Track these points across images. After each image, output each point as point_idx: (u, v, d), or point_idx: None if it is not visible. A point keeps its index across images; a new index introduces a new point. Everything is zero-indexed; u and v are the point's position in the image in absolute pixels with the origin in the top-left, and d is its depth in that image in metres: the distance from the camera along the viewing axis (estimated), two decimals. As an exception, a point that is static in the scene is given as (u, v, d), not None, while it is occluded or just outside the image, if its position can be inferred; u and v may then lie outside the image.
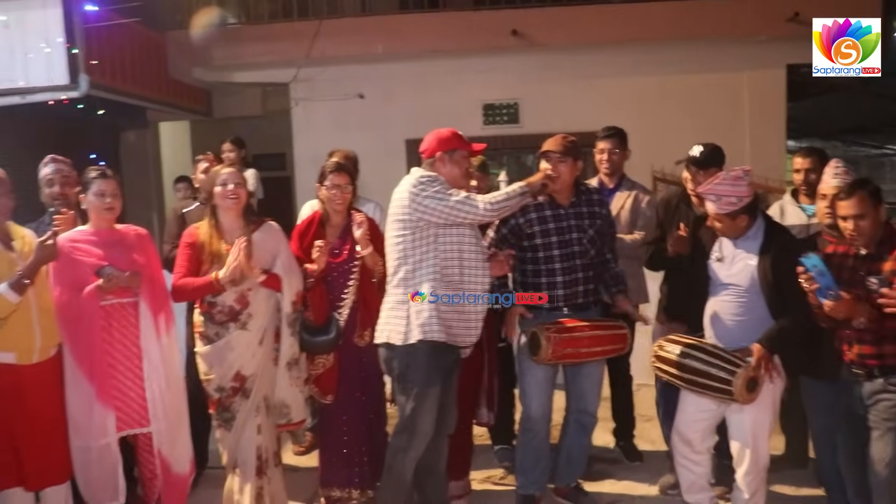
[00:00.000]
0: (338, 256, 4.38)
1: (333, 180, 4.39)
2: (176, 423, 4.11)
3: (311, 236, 4.37)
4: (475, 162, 4.74)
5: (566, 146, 4.21)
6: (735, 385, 3.56)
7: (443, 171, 3.93)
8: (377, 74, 10.47)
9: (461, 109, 10.41)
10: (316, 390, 4.40)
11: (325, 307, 4.34)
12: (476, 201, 3.78)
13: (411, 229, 3.84)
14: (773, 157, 10.51)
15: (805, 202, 4.59)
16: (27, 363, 3.74)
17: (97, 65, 8.13)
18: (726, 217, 3.77)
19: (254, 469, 4.15)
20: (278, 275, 4.13)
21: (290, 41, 9.90)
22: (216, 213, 4.16)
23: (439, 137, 3.99)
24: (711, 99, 10.28)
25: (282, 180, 12.45)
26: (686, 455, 4.07)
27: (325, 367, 4.37)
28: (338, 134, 9.64)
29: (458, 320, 3.87)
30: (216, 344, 4.10)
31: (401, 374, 3.91)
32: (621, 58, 10.24)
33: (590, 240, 4.27)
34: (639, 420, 5.40)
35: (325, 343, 4.29)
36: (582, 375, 4.37)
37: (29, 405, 3.75)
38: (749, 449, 3.85)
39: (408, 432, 3.91)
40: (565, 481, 4.53)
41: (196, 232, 4.17)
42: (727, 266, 3.88)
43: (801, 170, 4.62)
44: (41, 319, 3.76)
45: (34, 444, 3.78)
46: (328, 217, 4.47)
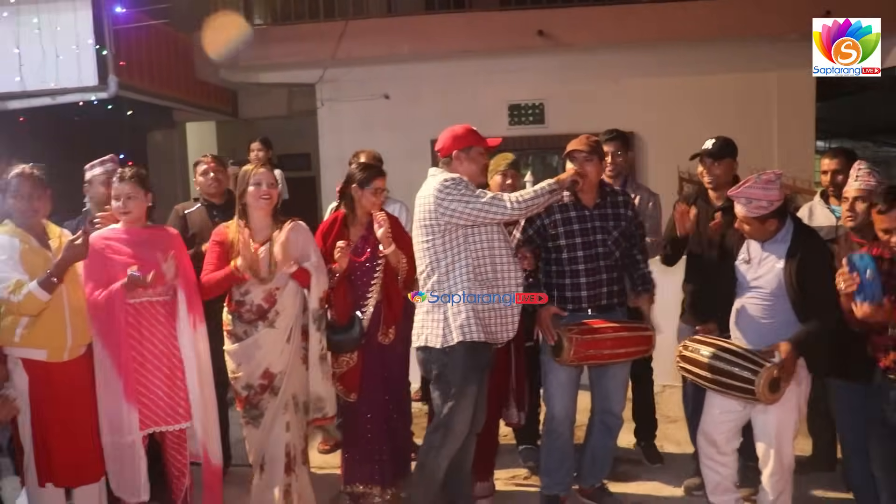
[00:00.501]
0: (361, 255, 4.40)
1: (379, 185, 4.43)
2: (214, 416, 4.19)
3: (334, 236, 4.41)
4: (507, 160, 4.79)
5: (592, 145, 4.21)
6: (758, 385, 3.54)
7: (460, 169, 3.97)
8: (403, 75, 10.47)
9: (486, 110, 10.38)
10: (341, 388, 4.44)
11: (347, 306, 4.38)
12: (504, 200, 3.82)
13: (440, 233, 3.88)
14: (801, 157, 10.39)
15: (835, 204, 4.55)
16: (58, 361, 3.80)
17: (126, 66, 8.20)
18: (755, 220, 3.74)
19: (282, 466, 4.20)
20: (308, 270, 4.16)
21: (315, 42, 9.92)
22: (246, 213, 4.20)
23: (454, 135, 4.03)
24: (739, 99, 10.19)
25: (307, 180, 12.48)
26: (711, 456, 4.05)
27: (348, 366, 4.42)
28: (363, 134, 9.67)
29: (495, 318, 3.93)
30: (244, 342, 4.14)
31: (439, 375, 3.96)
32: (648, 58, 10.18)
33: (614, 241, 4.25)
34: (662, 421, 5.38)
35: (349, 341, 4.34)
36: (607, 377, 4.36)
37: (59, 403, 3.81)
38: (774, 450, 3.82)
39: (443, 431, 3.95)
40: (590, 482, 4.53)
41: (225, 231, 4.22)
42: (754, 268, 3.86)
43: (828, 171, 4.60)
44: (73, 319, 3.82)
45: (64, 441, 3.83)
46: (352, 218, 4.50)
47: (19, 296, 3.56)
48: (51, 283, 3.61)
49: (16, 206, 3.81)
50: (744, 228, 3.81)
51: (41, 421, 3.77)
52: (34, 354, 3.76)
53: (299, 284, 4.20)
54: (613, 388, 4.39)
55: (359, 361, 4.42)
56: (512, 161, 4.87)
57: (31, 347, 3.76)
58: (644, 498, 4.67)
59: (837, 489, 4.55)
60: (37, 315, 3.69)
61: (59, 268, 3.64)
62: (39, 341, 3.76)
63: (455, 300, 3.87)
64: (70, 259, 3.67)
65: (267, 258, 4.07)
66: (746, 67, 10.24)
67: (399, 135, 10.01)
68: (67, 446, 3.83)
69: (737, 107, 10.04)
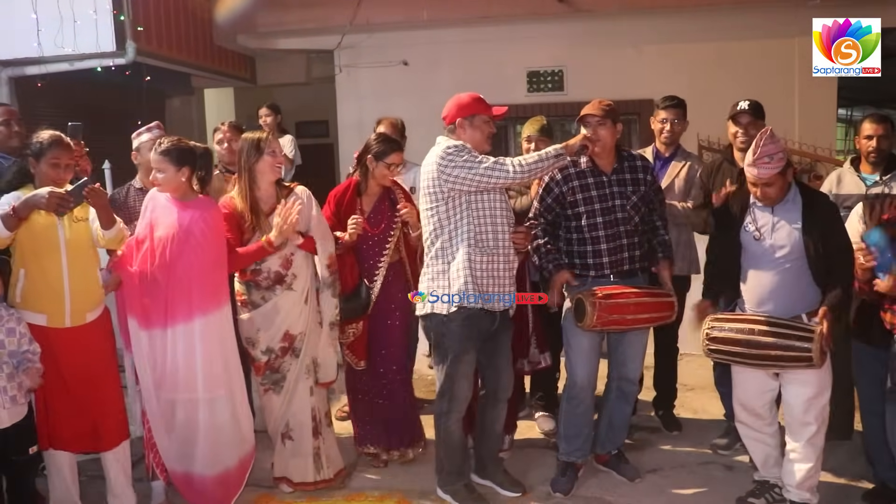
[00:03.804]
0: (377, 227, 4.43)
1: (395, 160, 4.49)
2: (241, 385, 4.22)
3: (347, 203, 4.46)
4: (535, 125, 4.78)
5: (605, 109, 4.17)
6: (814, 351, 3.51)
7: (464, 137, 4.01)
8: (421, 41, 10.39)
9: (505, 76, 10.31)
10: (350, 356, 4.54)
11: (354, 274, 4.45)
12: (506, 164, 3.87)
13: (443, 200, 3.94)
14: (823, 125, 10.28)
15: (866, 171, 4.48)
16: (59, 326, 3.80)
17: (143, 32, 8.19)
18: (779, 176, 3.69)
19: (310, 431, 4.28)
20: (313, 238, 4.20)
21: (334, 7, 9.85)
22: (254, 181, 4.18)
23: (459, 104, 4.06)
24: (760, 66, 10.04)
25: (325, 147, 12.48)
26: (759, 428, 4.03)
27: (354, 336, 4.53)
28: (381, 101, 9.63)
29: (492, 285, 3.98)
30: (263, 307, 4.17)
31: (437, 343, 4.08)
32: (668, 25, 10.06)
33: (633, 206, 4.23)
34: (681, 390, 5.37)
35: (357, 307, 4.44)
36: (625, 343, 4.36)
37: (61, 369, 3.82)
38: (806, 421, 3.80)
39: (447, 397, 4.10)
40: (606, 449, 4.54)
41: (231, 203, 4.19)
42: (768, 237, 3.79)
43: (873, 136, 4.42)
44: (73, 284, 3.81)
45: (65, 407, 3.85)
46: (364, 187, 4.55)
47: None
48: (9, 217, 3.56)
49: (46, 173, 3.81)
50: (767, 193, 3.73)
51: (43, 386, 3.75)
52: (35, 319, 3.76)
53: (307, 251, 4.24)
54: (631, 355, 4.39)
55: (363, 331, 4.53)
56: (542, 126, 4.86)
57: (31, 311, 3.76)
58: (661, 465, 4.67)
59: (855, 457, 4.55)
60: (6, 253, 3.75)
61: (23, 205, 3.58)
62: (38, 305, 3.77)
63: (454, 266, 3.93)
64: (31, 202, 3.58)
65: (280, 225, 4.08)
66: (767, 34, 10.09)
67: (417, 101, 9.91)
68: (69, 413, 3.85)
69: (758, 74, 9.90)
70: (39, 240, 3.74)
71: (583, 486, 4.40)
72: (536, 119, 4.95)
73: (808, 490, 3.87)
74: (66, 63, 7.81)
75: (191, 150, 4.01)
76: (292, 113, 7.67)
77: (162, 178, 3.95)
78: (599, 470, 4.55)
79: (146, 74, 8.49)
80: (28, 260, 3.76)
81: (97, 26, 7.65)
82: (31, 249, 3.75)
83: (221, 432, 4.02)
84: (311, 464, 4.30)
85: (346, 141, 10.33)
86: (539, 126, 4.86)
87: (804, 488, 3.86)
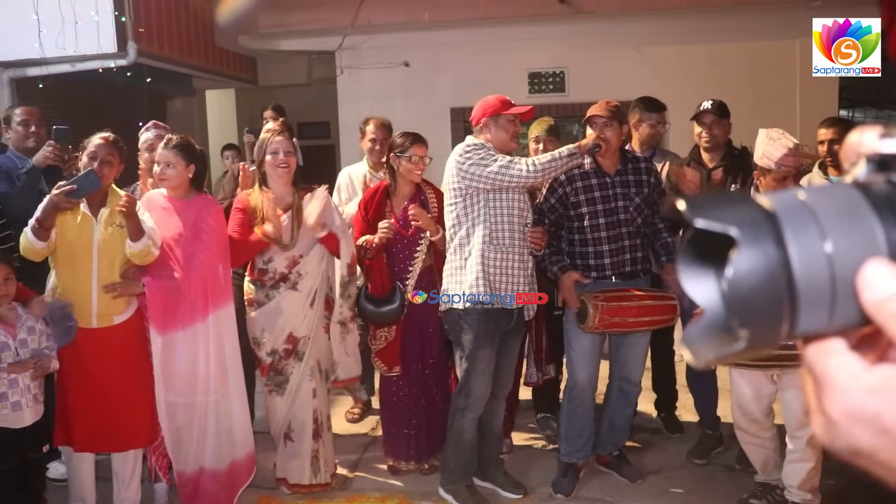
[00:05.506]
0: (408, 229, 4.39)
1: (417, 152, 4.34)
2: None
3: (376, 205, 4.39)
4: (542, 126, 4.79)
5: (612, 110, 4.18)
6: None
7: (489, 137, 4.05)
8: (423, 42, 10.40)
9: (507, 77, 10.30)
10: (380, 363, 4.46)
11: (387, 278, 4.36)
12: (520, 163, 3.90)
13: (462, 197, 3.99)
14: (824, 127, 10.29)
15: (833, 174, 4.53)
16: (86, 327, 3.83)
17: (145, 33, 8.19)
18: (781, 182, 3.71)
19: (311, 433, 4.27)
20: (336, 235, 4.17)
21: (335, 9, 9.86)
22: (266, 181, 4.20)
23: (484, 104, 4.12)
24: (761, 68, 10.06)
25: (326, 148, 12.48)
26: (757, 433, 4.03)
27: (387, 341, 4.41)
28: (383, 102, 9.63)
29: (505, 282, 4.00)
30: (266, 306, 4.17)
31: (455, 339, 4.12)
32: (670, 26, 10.06)
33: (636, 208, 4.24)
34: (682, 391, 5.37)
35: (391, 313, 4.32)
36: (626, 345, 4.37)
37: (85, 369, 3.85)
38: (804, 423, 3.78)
39: (464, 393, 4.10)
40: (608, 450, 4.54)
41: (247, 198, 4.22)
42: None
43: (824, 141, 4.59)
44: (101, 286, 3.83)
45: (84, 407, 3.87)
46: (393, 187, 4.46)
47: (24, 235, 3.63)
48: (35, 229, 3.60)
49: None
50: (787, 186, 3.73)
51: (64, 384, 3.83)
52: None
53: (328, 249, 4.22)
54: (633, 357, 4.39)
55: (397, 335, 4.42)
56: (549, 127, 4.86)
57: None
58: (663, 466, 4.68)
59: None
60: (37, 261, 3.76)
61: (41, 212, 3.59)
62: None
63: (469, 262, 3.97)
64: (49, 207, 3.59)
65: (290, 225, 4.09)
66: (769, 35, 10.10)
67: (419, 103, 9.96)
68: (87, 412, 3.87)
69: (759, 75, 9.92)
70: (73, 242, 3.78)
71: (584, 488, 4.41)
72: (544, 119, 4.96)
73: (809, 491, 3.87)
74: (67, 64, 7.80)
75: (200, 150, 4.11)
76: (294, 114, 7.65)
77: (171, 173, 3.96)
78: (601, 471, 4.56)
79: (147, 76, 8.49)
80: (61, 262, 3.82)
81: (98, 28, 7.64)
82: (64, 251, 3.79)
83: (229, 430, 4.08)
84: (309, 466, 4.29)
85: (348, 142, 10.33)
86: (546, 126, 4.88)
87: (805, 489, 3.86)
